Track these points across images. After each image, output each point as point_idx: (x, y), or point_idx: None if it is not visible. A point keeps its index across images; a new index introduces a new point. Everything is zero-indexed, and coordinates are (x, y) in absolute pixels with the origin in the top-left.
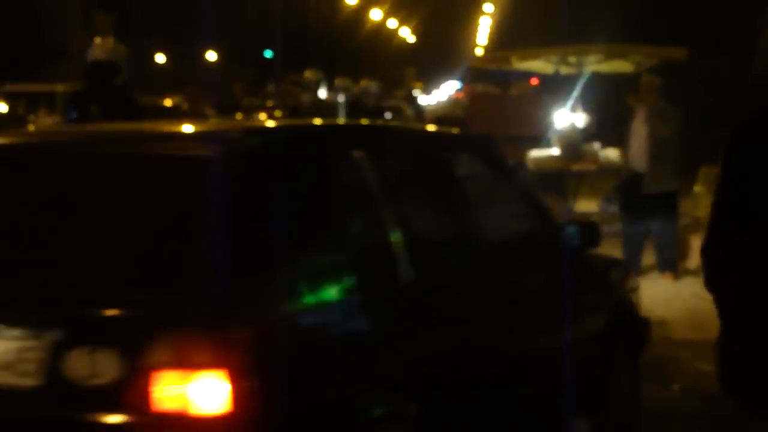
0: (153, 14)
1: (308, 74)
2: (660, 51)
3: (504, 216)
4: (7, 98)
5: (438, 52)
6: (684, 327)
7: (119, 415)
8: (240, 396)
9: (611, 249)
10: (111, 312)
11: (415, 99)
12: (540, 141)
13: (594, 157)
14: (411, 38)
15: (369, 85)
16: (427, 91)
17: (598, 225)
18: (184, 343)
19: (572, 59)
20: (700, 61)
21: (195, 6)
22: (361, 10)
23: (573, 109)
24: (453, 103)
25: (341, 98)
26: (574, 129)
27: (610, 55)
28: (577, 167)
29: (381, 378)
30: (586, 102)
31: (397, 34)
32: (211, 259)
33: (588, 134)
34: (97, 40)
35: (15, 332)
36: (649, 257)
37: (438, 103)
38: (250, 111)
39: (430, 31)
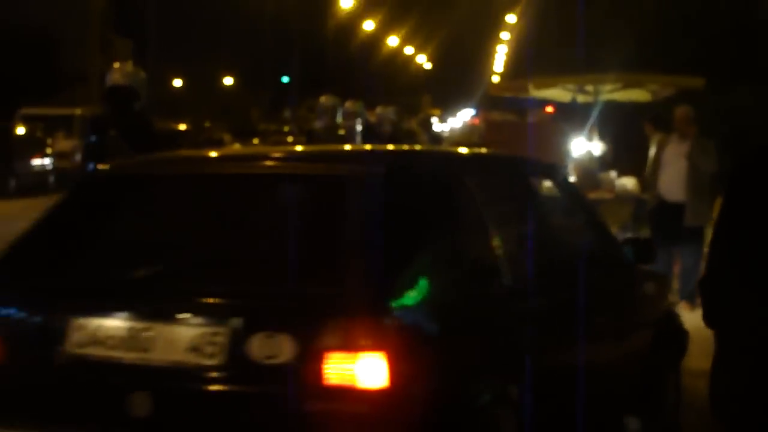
0: (171, 39)
1: (323, 100)
2: (677, 80)
3: (575, 232)
4: (25, 121)
5: (454, 80)
6: (698, 357)
7: (294, 388)
8: (395, 373)
9: None
10: (287, 303)
11: (430, 125)
12: None
13: (610, 186)
14: (427, 65)
15: (386, 112)
16: (442, 118)
17: (653, 242)
18: (349, 329)
19: (589, 87)
20: (717, 90)
21: (212, 31)
22: (378, 36)
23: (589, 138)
24: (469, 129)
25: (358, 125)
26: (590, 157)
27: (627, 84)
28: (593, 195)
29: (492, 364)
30: (603, 130)
31: (414, 61)
32: (368, 261)
33: (604, 163)
34: (116, 65)
35: (202, 320)
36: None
37: (453, 129)
38: (266, 136)
39: (446, 58)
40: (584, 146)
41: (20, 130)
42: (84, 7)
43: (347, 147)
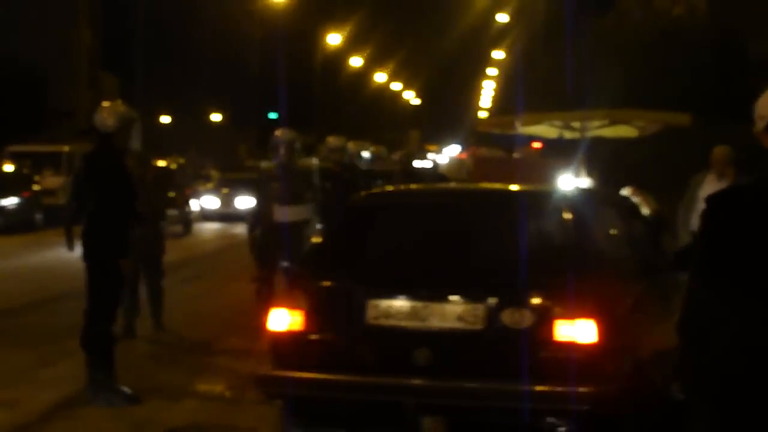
0: (158, 75)
1: (279, 133)
2: (663, 116)
3: (645, 245)
4: (13, 158)
5: (441, 115)
6: None
7: (532, 343)
8: (601, 333)
9: None
10: (526, 287)
11: (410, 163)
12: None
13: None
14: (415, 101)
15: (359, 150)
16: (422, 155)
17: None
18: (569, 304)
19: (575, 124)
20: (704, 127)
21: (200, 67)
22: (366, 72)
23: (577, 173)
24: (457, 164)
25: (315, 161)
26: None
27: (614, 121)
28: None
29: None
30: (591, 166)
31: (401, 97)
32: (575, 258)
33: None
34: (105, 104)
35: (466, 300)
36: None
37: (440, 165)
38: (253, 172)
39: (433, 93)
40: (571, 182)
41: (8, 167)
42: (72, 43)
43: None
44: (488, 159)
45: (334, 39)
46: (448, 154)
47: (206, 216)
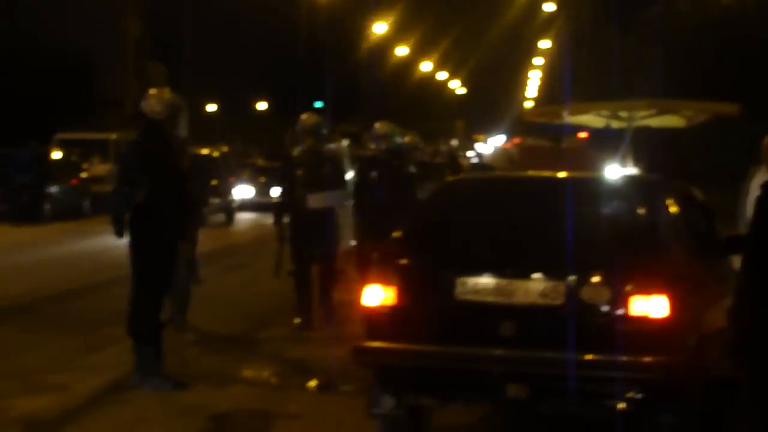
0: (205, 64)
1: (304, 118)
2: (711, 106)
3: (703, 230)
4: (61, 146)
5: (487, 105)
6: None
7: (610, 317)
8: (672, 307)
9: None
10: (604, 266)
11: (455, 154)
12: None
13: None
14: (461, 90)
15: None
16: (468, 145)
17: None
18: (644, 281)
19: (623, 114)
20: (753, 117)
21: (246, 56)
22: (412, 61)
23: (623, 163)
24: (502, 153)
25: (344, 145)
26: None
27: (661, 110)
28: None
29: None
30: (637, 156)
31: (447, 86)
32: (647, 240)
33: None
34: (152, 91)
35: (549, 277)
36: None
37: (485, 155)
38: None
39: (479, 83)
40: (618, 172)
41: (56, 155)
42: (119, 33)
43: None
44: (534, 148)
45: (379, 28)
46: (493, 144)
47: (242, 206)
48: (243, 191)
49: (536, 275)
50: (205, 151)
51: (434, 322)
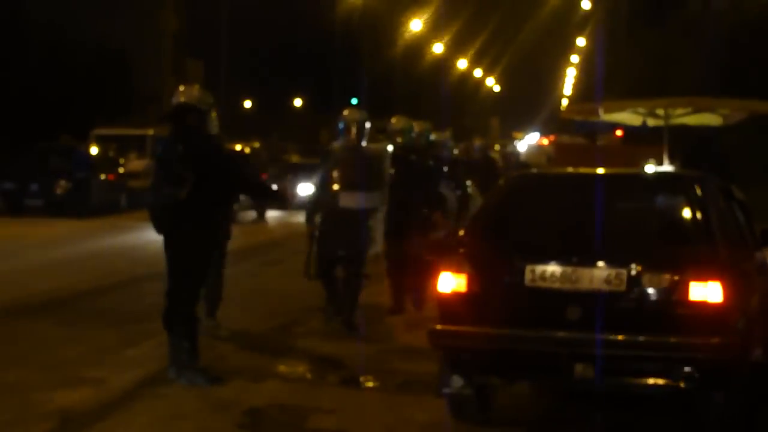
0: (242, 61)
1: (346, 114)
2: (749, 104)
3: (744, 223)
4: (99, 141)
5: (522, 102)
6: None
7: (669, 301)
8: (725, 293)
9: None
10: (664, 256)
11: (488, 154)
12: None
13: None
14: (496, 87)
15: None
16: (506, 142)
17: None
18: (701, 270)
19: (660, 111)
20: None
21: (283, 53)
22: (447, 58)
23: (659, 161)
24: (537, 150)
25: (389, 144)
26: None
27: (698, 108)
28: None
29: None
30: (673, 153)
31: (483, 83)
32: (702, 231)
33: None
34: (182, 88)
35: (612, 265)
36: None
37: (520, 153)
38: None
39: (515, 81)
40: (653, 169)
41: (93, 150)
42: (158, 29)
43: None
44: (569, 146)
45: (415, 25)
46: (527, 141)
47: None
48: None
49: (600, 263)
50: (237, 147)
51: (504, 307)
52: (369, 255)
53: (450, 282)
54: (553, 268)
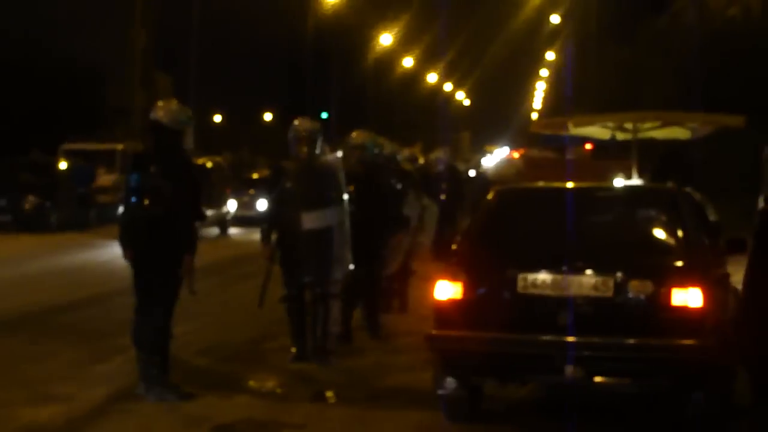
0: (211, 75)
1: (297, 123)
2: (717, 118)
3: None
4: (68, 156)
5: (492, 116)
6: None
7: (653, 306)
8: (705, 298)
9: None
10: (647, 264)
11: (453, 167)
12: None
13: None
14: (466, 101)
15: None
16: (480, 154)
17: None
18: (682, 277)
19: (628, 125)
20: (757, 128)
21: (253, 67)
22: (417, 73)
23: (628, 175)
24: (507, 164)
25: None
26: None
27: (666, 122)
28: None
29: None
30: (642, 167)
31: (453, 98)
32: (684, 243)
33: None
34: (160, 103)
35: (599, 273)
36: None
37: (495, 165)
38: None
39: (484, 95)
40: (623, 183)
41: (62, 165)
42: (126, 43)
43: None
44: (538, 159)
45: (385, 39)
46: (494, 156)
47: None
48: (229, 204)
49: (588, 271)
50: (209, 164)
51: (498, 313)
52: (337, 275)
53: (446, 290)
54: (543, 276)
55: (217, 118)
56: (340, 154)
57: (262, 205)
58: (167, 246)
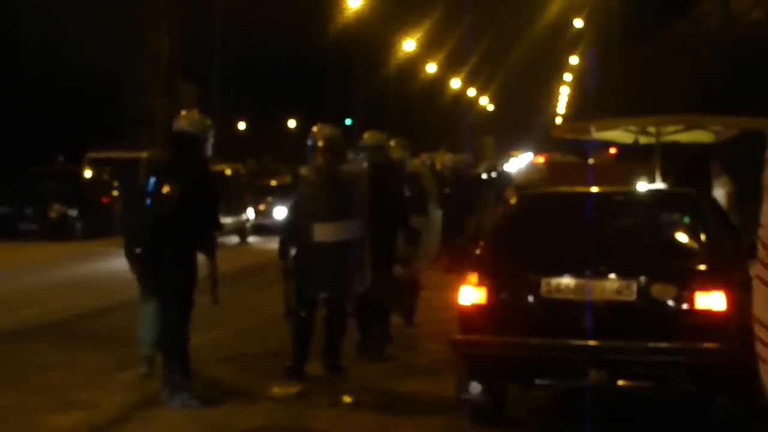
0: (235, 83)
1: (316, 129)
2: (741, 121)
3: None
4: (92, 164)
5: (515, 121)
6: None
7: (676, 310)
8: (729, 302)
9: None
10: (671, 268)
11: (433, 166)
12: None
13: None
14: (490, 107)
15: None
16: (504, 159)
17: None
18: (706, 281)
19: (651, 129)
20: None
21: (276, 75)
22: (440, 78)
23: (652, 179)
24: (531, 168)
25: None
26: None
27: (690, 126)
28: None
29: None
30: (666, 171)
31: (477, 103)
32: (705, 245)
33: None
34: (183, 113)
35: (622, 277)
36: None
37: (519, 169)
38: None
39: (508, 100)
40: (647, 187)
41: (87, 173)
42: (150, 51)
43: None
44: (561, 164)
45: (408, 45)
46: (519, 161)
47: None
48: (248, 212)
49: (611, 276)
50: (228, 171)
51: (522, 317)
52: (355, 293)
53: (470, 295)
54: (567, 281)
55: (241, 125)
56: (364, 164)
57: (279, 213)
58: (172, 247)
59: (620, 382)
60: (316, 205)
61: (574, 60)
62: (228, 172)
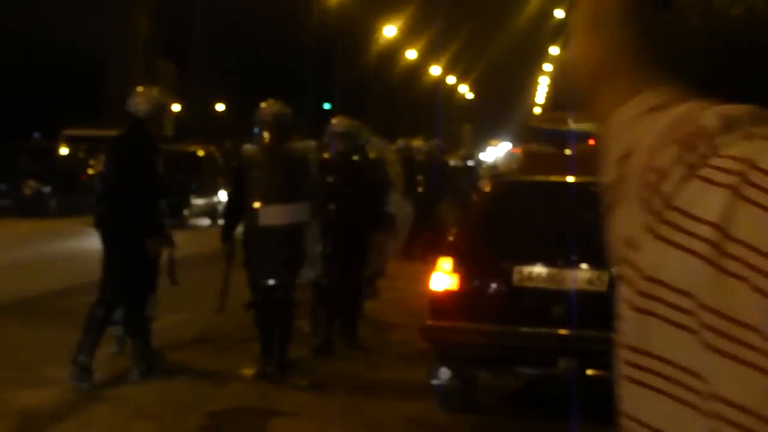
0: (214, 64)
1: (264, 106)
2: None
3: None
4: (68, 142)
5: (495, 110)
6: None
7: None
8: None
9: None
10: None
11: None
12: None
13: None
14: (469, 95)
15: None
16: (482, 147)
17: None
18: None
19: None
20: None
21: (256, 57)
22: (420, 65)
23: None
24: (510, 158)
25: (312, 144)
26: None
27: None
28: None
29: None
30: None
31: (456, 91)
32: None
33: None
34: (139, 89)
35: (594, 267)
36: None
37: (496, 158)
38: None
39: (488, 88)
40: None
41: (63, 151)
42: (130, 30)
43: None
44: (537, 154)
45: (389, 31)
46: (497, 150)
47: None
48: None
49: (583, 265)
50: (201, 153)
51: (493, 305)
52: (303, 280)
53: (442, 281)
54: (539, 269)
55: (220, 107)
56: (312, 142)
57: (222, 196)
58: (109, 223)
59: (589, 372)
60: (263, 187)
61: (554, 50)
62: (200, 153)
